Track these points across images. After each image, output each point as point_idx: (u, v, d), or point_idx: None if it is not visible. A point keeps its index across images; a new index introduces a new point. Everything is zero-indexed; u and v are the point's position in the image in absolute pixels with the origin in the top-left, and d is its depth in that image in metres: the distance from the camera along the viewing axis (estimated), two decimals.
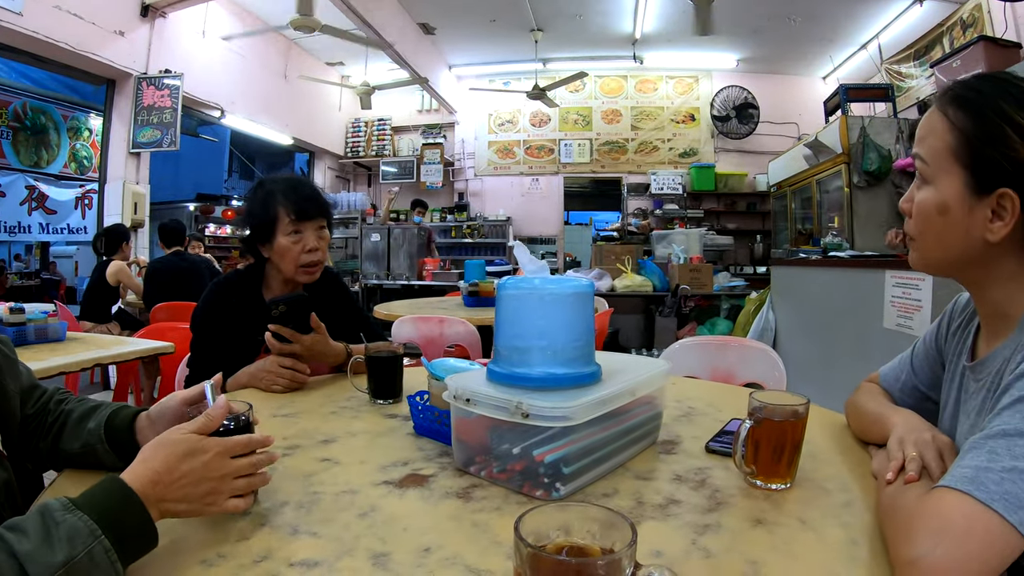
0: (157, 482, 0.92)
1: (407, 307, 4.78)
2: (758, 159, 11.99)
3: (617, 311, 7.75)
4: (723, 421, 1.59)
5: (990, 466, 0.87)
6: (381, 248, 10.79)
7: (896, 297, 3.88)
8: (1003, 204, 1.06)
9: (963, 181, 1.09)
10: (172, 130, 7.84)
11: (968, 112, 1.09)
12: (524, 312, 1.23)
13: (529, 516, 0.69)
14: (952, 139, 1.10)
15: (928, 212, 1.14)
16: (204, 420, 1.01)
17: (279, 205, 2.16)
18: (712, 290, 8.17)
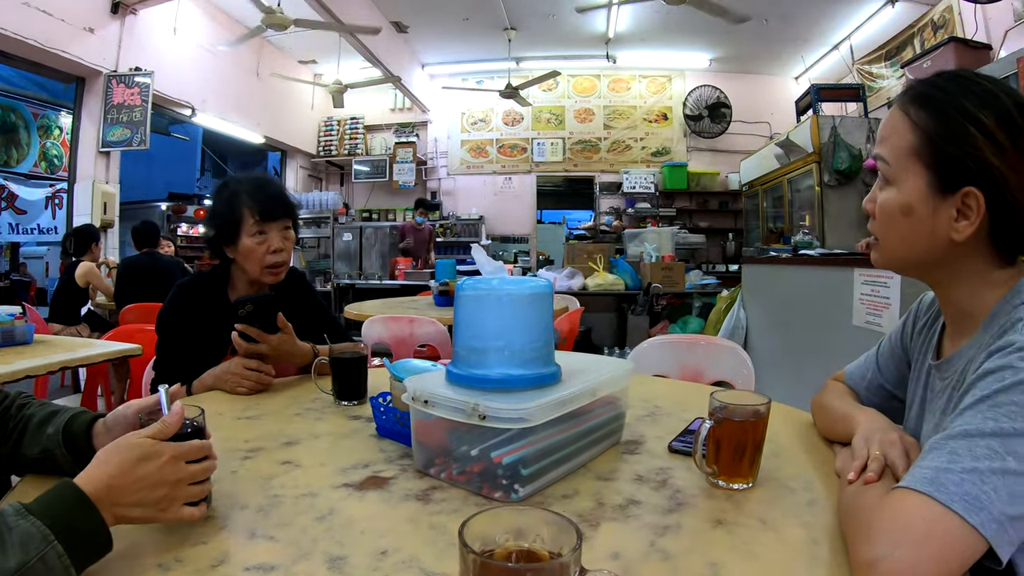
0: (111, 486, 0.90)
1: (378, 307, 4.75)
2: (730, 158, 12.05)
3: (589, 310, 7.75)
4: (688, 420, 1.59)
5: (950, 467, 0.87)
6: (353, 248, 10.77)
7: (865, 295, 3.90)
8: (968, 203, 1.06)
9: (926, 181, 1.09)
10: (142, 129, 7.74)
11: (930, 111, 1.09)
12: (482, 313, 1.21)
13: (474, 521, 0.68)
14: (914, 139, 1.10)
15: (892, 213, 1.14)
16: (160, 426, 0.99)
17: (243, 206, 2.13)
18: (684, 288, 8.19)
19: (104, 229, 7.70)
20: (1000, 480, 0.84)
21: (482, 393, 1.14)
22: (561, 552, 0.66)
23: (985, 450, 0.87)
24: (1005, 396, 0.90)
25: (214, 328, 2.09)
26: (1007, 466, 0.85)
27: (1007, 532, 0.83)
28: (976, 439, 0.88)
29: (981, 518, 0.82)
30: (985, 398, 0.92)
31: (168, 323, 2.17)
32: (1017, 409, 0.88)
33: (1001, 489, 0.84)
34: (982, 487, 0.84)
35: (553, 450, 1.19)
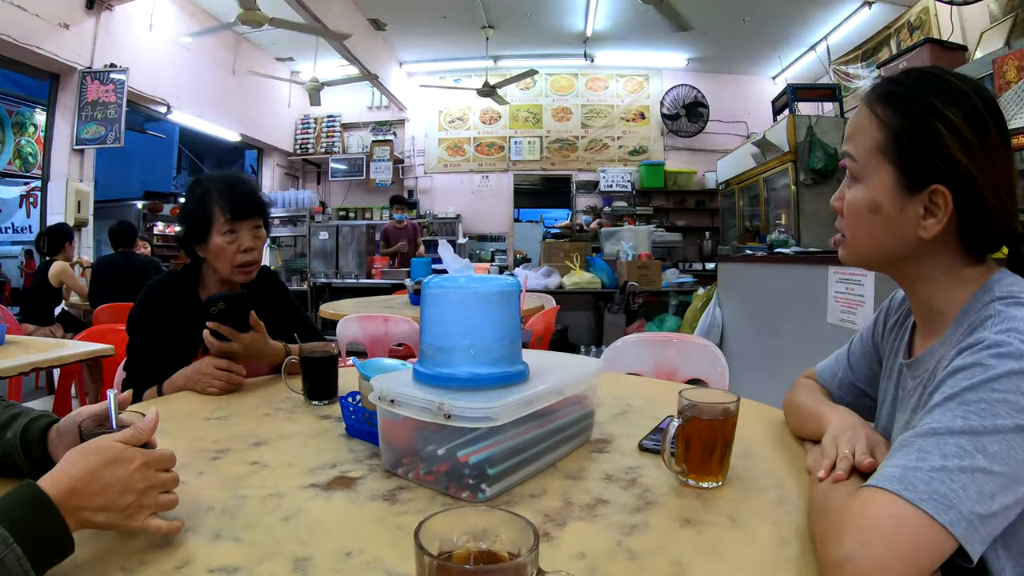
0: (77, 490, 0.88)
1: (353, 306, 4.73)
2: (707, 157, 12.13)
3: (566, 308, 7.75)
4: (660, 419, 1.58)
5: (919, 465, 0.86)
6: (330, 246, 10.72)
7: (839, 293, 3.92)
8: (935, 201, 1.06)
9: (893, 179, 1.09)
10: (117, 126, 7.67)
11: (897, 109, 1.09)
12: (448, 311, 1.20)
13: (431, 522, 0.67)
14: (881, 136, 1.10)
15: (859, 211, 1.14)
16: (133, 431, 0.97)
17: (214, 204, 2.11)
18: (660, 287, 8.20)
19: (78, 228, 7.62)
20: (969, 478, 0.84)
21: (448, 392, 1.13)
22: (520, 553, 0.65)
23: (954, 448, 0.86)
24: (974, 394, 0.90)
25: (185, 328, 2.07)
26: (976, 464, 0.85)
27: (977, 530, 0.83)
28: (945, 437, 0.88)
29: (950, 517, 0.82)
30: (954, 396, 0.92)
31: (139, 323, 2.14)
32: (987, 407, 0.88)
33: (970, 487, 0.83)
34: (951, 485, 0.83)
35: (520, 449, 1.18)
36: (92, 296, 6.16)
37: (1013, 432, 0.87)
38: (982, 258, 1.13)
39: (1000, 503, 0.84)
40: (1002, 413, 0.88)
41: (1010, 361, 0.91)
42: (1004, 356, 0.91)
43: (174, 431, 1.53)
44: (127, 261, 6.36)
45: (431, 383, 1.18)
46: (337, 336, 3.73)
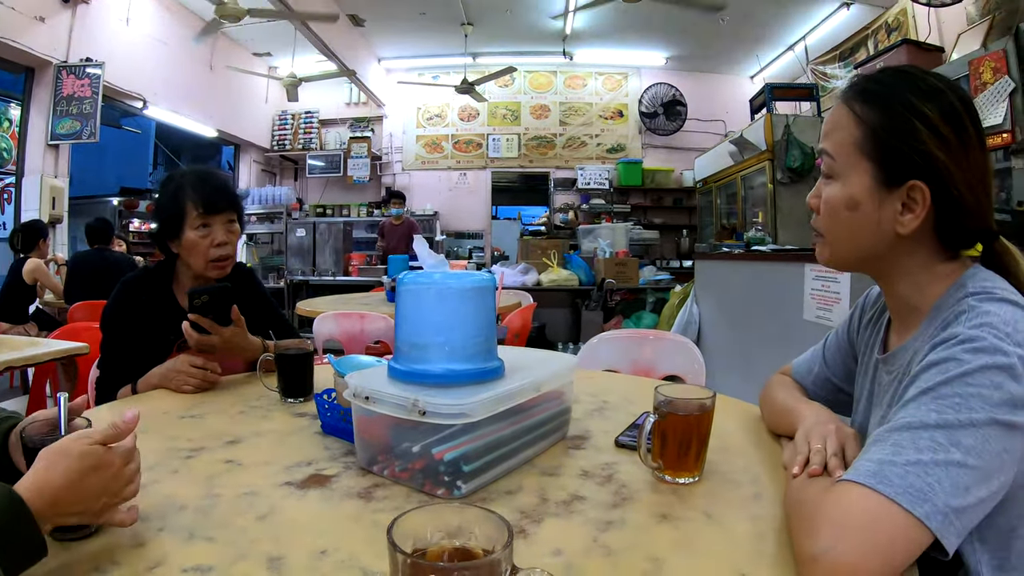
0: (57, 498, 0.86)
1: (330, 303, 4.70)
2: (685, 155, 12.16)
3: (544, 305, 7.74)
4: (636, 415, 1.58)
5: (894, 459, 0.87)
6: (307, 243, 10.66)
7: (816, 290, 3.94)
8: (913, 196, 1.07)
9: (871, 175, 1.10)
10: (92, 121, 7.58)
11: (875, 106, 1.10)
12: (423, 307, 1.20)
13: (405, 520, 0.66)
14: (859, 133, 1.11)
15: (837, 208, 1.14)
16: (111, 431, 0.95)
17: (187, 198, 2.08)
18: (638, 284, 8.23)
19: (53, 225, 7.53)
20: (944, 472, 0.84)
21: (423, 389, 1.12)
22: (494, 549, 0.64)
23: (929, 442, 0.87)
24: (948, 388, 0.91)
25: (160, 325, 2.05)
26: (951, 458, 0.85)
27: (952, 524, 0.83)
28: (920, 431, 0.88)
29: (925, 510, 0.82)
30: (928, 390, 0.92)
31: (112, 320, 2.11)
32: (961, 401, 0.89)
33: (945, 481, 0.84)
34: (926, 479, 0.84)
35: (496, 446, 1.18)
36: (68, 293, 6.09)
37: (987, 426, 0.87)
38: (957, 254, 1.14)
39: (975, 496, 0.85)
40: (976, 407, 0.88)
41: (984, 356, 0.91)
42: (978, 351, 0.92)
43: (149, 429, 1.51)
44: (103, 257, 6.28)
45: (406, 380, 1.17)
46: (314, 334, 3.71)
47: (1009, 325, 0.94)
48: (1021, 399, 0.89)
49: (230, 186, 2.22)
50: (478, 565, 0.62)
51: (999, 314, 0.96)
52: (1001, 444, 0.87)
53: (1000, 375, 0.90)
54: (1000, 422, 0.88)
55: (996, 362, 0.90)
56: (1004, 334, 0.93)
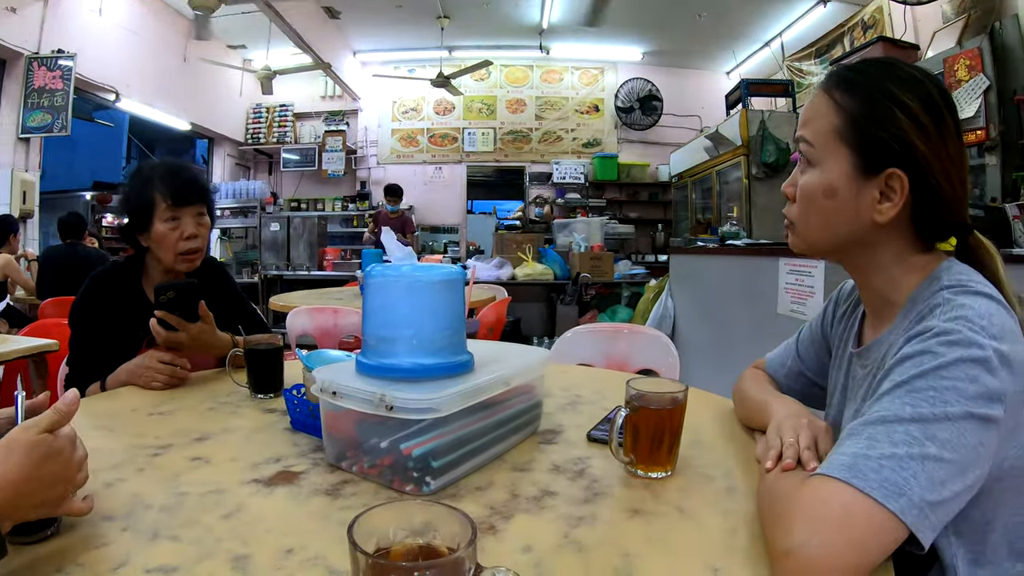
0: (16, 494, 0.84)
1: (304, 298, 4.67)
2: (661, 150, 12.17)
3: (519, 300, 7.74)
4: (609, 409, 1.57)
5: (868, 453, 0.86)
6: (281, 238, 10.57)
7: (790, 284, 3.95)
8: (891, 185, 1.07)
9: (850, 162, 1.09)
10: (64, 114, 7.47)
11: (855, 94, 1.10)
12: (390, 300, 1.18)
13: (366, 518, 0.65)
14: (839, 121, 1.10)
15: (814, 195, 1.14)
16: (55, 416, 0.92)
17: (155, 191, 2.05)
18: (613, 278, 8.25)
19: (23, 220, 7.42)
20: (919, 466, 0.84)
21: (391, 383, 1.10)
22: (459, 547, 0.63)
23: (904, 436, 0.86)
24: (923, 381, 0.90)
25: (129, 320, 2.02)
26: (926, 451, 0.85)
27: (928, 518, 0.83)
28: (894, 425, 0.88)
29: (901, 504, 0.81)
30: (903, 383, 0.92)
31: (81, 316, 2.08)
32: (936, 394, 0.89)
33: (920, 475, 0.83)
34: (901, 473, 0.83)
35: (466, 441, 1.16)
36: (39, 289, 6.02)
37: (963, 419, 0.87)
38: (932, 247, 1.14)
39: (951, 490, 0.85)
40: (951, 400, 0.88)
41: (959, 349, 0.91)
42: (953, 344, 0.92)
43: (115, 427, 1.50)
44: (74, 252, 6.21)
45: (374, 374, 1.16)
46: (287, 328, 3.68)
47: (984, 318, 0.94)
48: (996, 392, 0.89)
49: (200, 178, 2.19)
50: (441, 564, 0.60)
51: (974, 307, 0.96)
52: (976, 437, 0.87)
53: (975, 368, 0.89)
54: (975, 415, 0.87)
55: (971, 355, 0.90)
56: (979, 327, 0.93)
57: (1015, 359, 0.92)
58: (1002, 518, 0.99)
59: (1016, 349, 0.93)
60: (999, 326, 0.94)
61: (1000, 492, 0.97)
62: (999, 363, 0.90)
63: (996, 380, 0.89)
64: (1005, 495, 0.98)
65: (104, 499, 1.05)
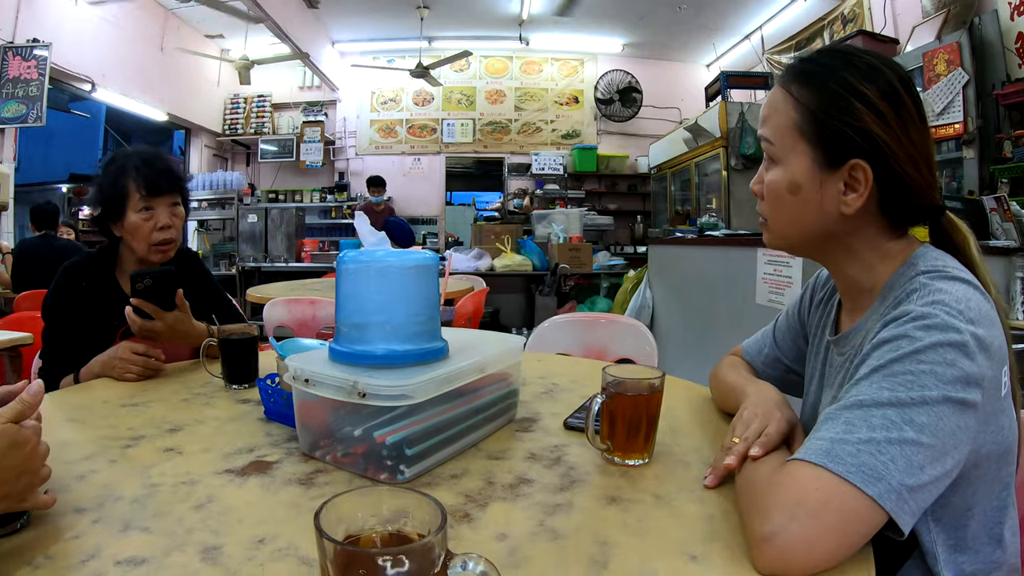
0: None
1: (282, 289, 4.65)
2: (640, 142, 12.21)
3: (498, 291, 7.75)
4: (586, 397, 1.57)
5: (846, 438, 0.86)
6: (259, 229, 10.51)
7: (768, 274, 3.97)
8: (855, 176, 1.07)
9: (811, 157, 1.09)
10: (39, 104, 7.34)
11: (811, 87, 1.10)
12: (363, 287, 1.17)
13: (334, 504, 0.64)
14: (797, 116, 1.10)
15: (779, 192, 1.14)
16: (20, 406, 0.91)
17: (129, 180, 2.03)
18: (592, 269, 8.27)
19: None
20: (898, 450, 0.84)
21: (364, 370, 1.09)
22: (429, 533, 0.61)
23: (881, 420, 0.86)
24: (900, 366, 0.90)
25: (102, 311, 2.00)
26: (904, 436, 0.84)
27: (907, 503, 0.83)
28: (872, 409, 0.88)
29: (879, 489, 0.81)
30: (880, 368, 0.92)
31: (54, 308, 2.05)
32: (913, 378, 0.88)
33: (899, 459, 0.83)
34: (879, 458, 0.83)
35: (440, 429, 1.15)
36: (15, 283, 5.95)
37: (941, 403, 0.87)
38: (905, 232, 1.14)
39: (929, 475, 0.85)
40: (929, 384, 0.88)
41: (936, 333, 0.91)
42: (930, 328, 0.91)
43: (88, 419, 1.48)
44: (49, 245, 6.14)
45: (347, 361, 1.15)
46: (264, 320, 3.65)
47: (962, 303, 0.94)
48: (974, 376, 0.89)
49: (174, 168, 2.16)
50: (409, 550, 0.58)
51: (951, 292, 0.96)
52: (955, 422, 0.87)
53: (953, 352, 0.89)
54: (953, 400, 0.87)
55: (949, 339, 0.90)
56: (957, 311, 0.92)
57: (992, 344, 0.92)
58: (981, 504, 1.00)
59: (993, 333, 0.93)
60: (976, 310, 0.93)
61: (978, 478, 0.98)
62: (976, 347, 0.90)
63: (974, 364, 0.89)
64: (983, 481, 0.99)
65: (75, 491, 1.04)
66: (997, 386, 0.94)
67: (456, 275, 6.73)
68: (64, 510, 0.97)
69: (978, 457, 0.96)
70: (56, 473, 1.04)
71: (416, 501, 0.66)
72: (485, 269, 7.95)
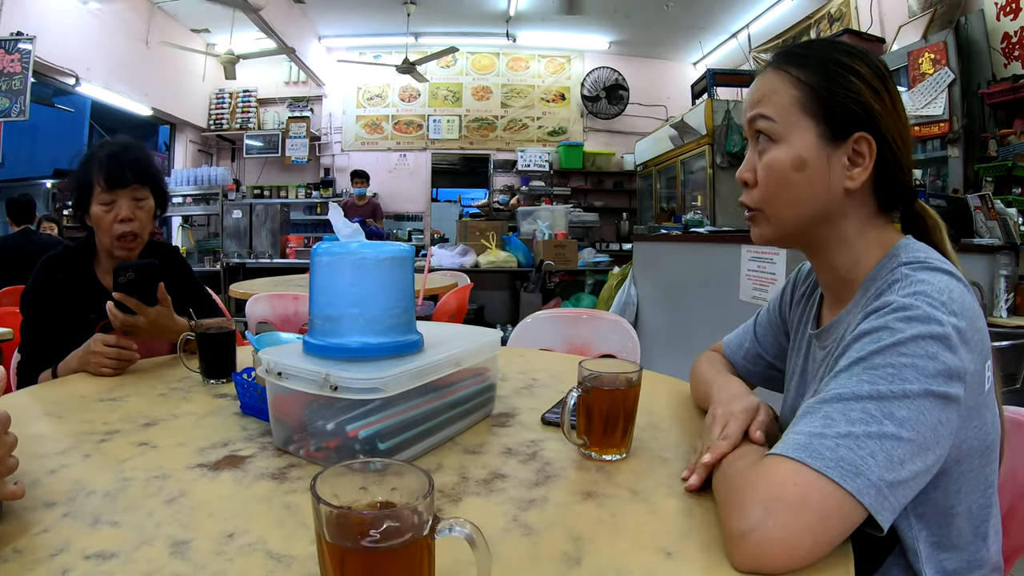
0: None
1: (265, 285, 4.63)
2: (626, 139, 12.24)
3: (482, 287, 7.75)
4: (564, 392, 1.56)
5: (824, 432, 0.85)
6: (243, 225, 10.46)
7: (752, 271, 3.97)
8: (859, 150, 1.07)
9: (816, 132, 1.09)
10: (22, 98, 7.26)
11: (809, 67, 1.10)
12: (337, 278, 1.16)
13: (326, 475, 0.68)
14: (798, 93, 1.10)
15: (782, 170, 1.11)
16: None
17: (94, 171, 2.02)
18: (577, 266, 8.27)
19: None
20: (877, 444, 0.83)
21: (337, 363, 1.09)
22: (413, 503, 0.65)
23: (861, 414, 0.85)
24: (881, 358, 0.89)
25: (80, 305, 1.98)
26: (884, 430, 0.84)
27: (887, 498, 0.82)
28: (851, 403, 0.87)
29: (858, 484, 0.81)
30: (860, 360, 0.91)
31: (32, 301, 2.03)
32: (894, 371, 0.87)
33: (879, 454, 0.82)
34: (858, 452, 0.82)
35: (415, 423, 1.15)
36: None
37: (922, 397, 0.86)
38: (888, 220, 1.15)
39: (910, 470, 0.84)
40: (910, 378, 0.87)
41: (918, 324, 0.90)
42: (911, 319, 0.90)
43: (63, 414, 1.47)
44: (29, 240, 6.06)
45: (320, 354, 1.14)
46: (247, 315, 3.63)
47: (944, 294, 0.93)
48: (956, 370, 0.88)
49: (142, 159, 2.13)
50: (399, 512, 0.64)
51: (933, 283, 0.94)
52: (936, 416, 0.86)
53: (935, 345, 0.88)
54: (935, 393, 0.86)
55: (931, 331, 0.89)
56: (939, 303, 0.91)
57: (974, 337, 0.92)
58: (965, 502, 0.99)
59: (976, 326, 0.93)
60: (959, 303, 0.92)
61: (961, 475, 0.97)
62: (959, 340, 0.89)
63: (956, 358, 0.88)
64: (966, 478, 0.98)
65: (46, 485, 1.03)
66: (980, 380, 0.93)
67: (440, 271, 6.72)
68: (34, 504, 0.96)
69: (960, 453, 0.95)
70: (28, 467, 1.04)
71: (404, 471, 0.70)
72: (470, 265, 7.94)
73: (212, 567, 0.80)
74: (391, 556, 0.64)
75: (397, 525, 0.63)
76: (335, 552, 0.64)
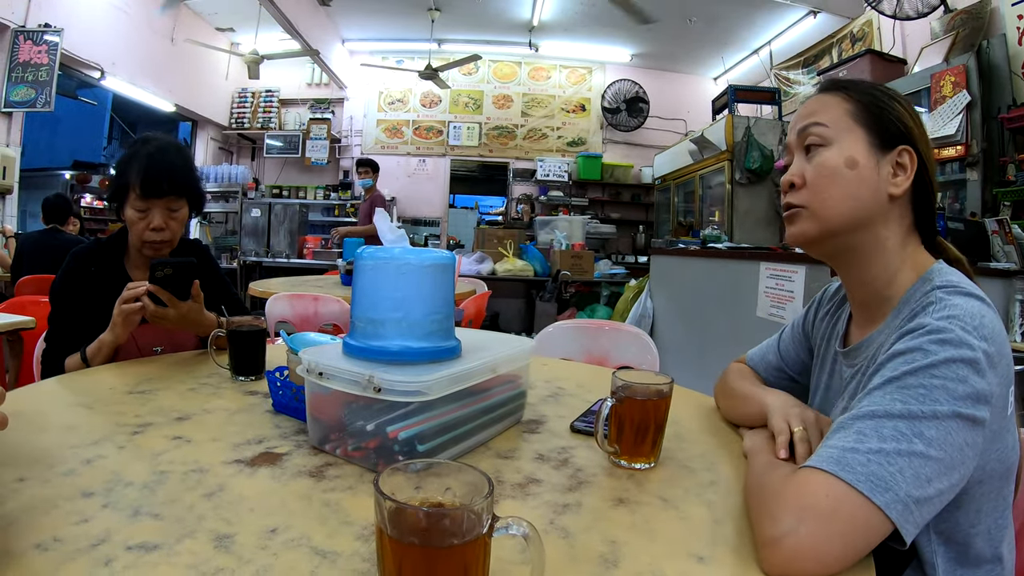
0: None
1: (283, 285, 4.64)
2: (645, 152, 12.22)
3: (498, 295, 7.75)
4: (591, 402, 1.59)
5: (857, 447, 0.87)
6: (261, 224, 10.52)
7: (769, 288, 3.98)
8: (902, 162, 1.14)
9: (866, 140, 1.15)
10: (48, 89, 7.33)
11: (858, 89, 1.20)
12: (381, 283, 1.17)
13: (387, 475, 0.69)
14: (851, 106, 1.18)
15: (835, 168, 1.16)
16: None
17: (132, 173, 2.01)
18: (593, 277, 8.28)
19: (2, 195, 7.30)
20: (906, 462, 0.85)
21: (379, 365, 1.10)
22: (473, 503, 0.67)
23: (892, 432, 0.88)
24: (914, 379, 0.92)
25: (109, 297, 1.99)
26: (914, 448, 0.86)
27: (912, 514, 0.84)
28: (884, 420, 0.89)
29: (886, 499, 0.83)
30: (894, 379, 0.93)
31: (61, 292, 2.05)
32: (925, 392, 0.90)
33: (907, 471, 0.85)
34: (888, 468, 0.85)
35: (451, 427, 1.16)
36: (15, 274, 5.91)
37: (950, 418, 0.88)
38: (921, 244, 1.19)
39: (935, 488, 0.86)
40: (940, 399, 0.89)
41: (950, 348, 0.92)
42: (945, 343, 0.93)
43: (95, 405, 1.48)
44: (54, 239, 6.08)
45: (361, 356, 1.15)
46: (266, 314, 3.65)
47: (976, 319, 0.95)
48: (984, 393, 0.91)
49: (181, 168, 2.11)
50: (461, 511, 0.66)
51: (966, 308, 0.97)
52: (963, 437, 0.89)
53: (965, 368, 0.91)
54: (963, 415, 0.89)
55: (962, 355, 0.92)
56: (971, 327, 0.94)
57: (1001, 363, 0.94)
58: (984, 522, 1.02)
59: (1003, 352, 0.95)
60: (989, 328, 0.95)
61: (982, 495, 1.00)
62: (987, 365, 0.92)
63: (984, 382, 0.91)
64: (987, 498, 1.01)
65: (83, 474, 1.04)
66: (1004, 404, 0.96)
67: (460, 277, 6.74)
68: (72, 494, 0.97)
69: (983, 474, 0.97)
70: (63, 456, 1.05)
71: (463, 472, 0.72)
72: (487, 273, 7.95)
73: (258, 561, 0.82)
74: (452, 553, 0.66)
75: (460, 523, 0.65)
76: (397, 548, 0.66)
